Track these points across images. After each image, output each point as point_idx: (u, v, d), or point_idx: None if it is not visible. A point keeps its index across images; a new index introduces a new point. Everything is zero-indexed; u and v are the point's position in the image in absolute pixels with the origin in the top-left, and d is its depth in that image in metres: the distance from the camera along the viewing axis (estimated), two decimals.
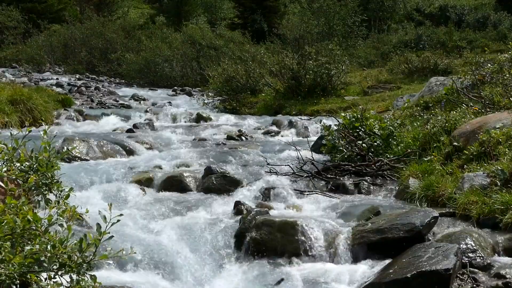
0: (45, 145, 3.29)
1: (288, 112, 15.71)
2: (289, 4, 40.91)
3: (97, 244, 2.80)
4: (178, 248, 5.02)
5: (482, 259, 4.50)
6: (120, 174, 7.35)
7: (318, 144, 9.01)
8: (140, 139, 9.88)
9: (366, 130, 8.15)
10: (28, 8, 35.30)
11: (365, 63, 26.27)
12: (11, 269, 2.61)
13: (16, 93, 11.88)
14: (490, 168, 5.68)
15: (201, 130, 12.44)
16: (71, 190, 3.33)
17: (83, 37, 29.89)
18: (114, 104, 17.31)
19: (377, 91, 17.68)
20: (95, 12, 34.44)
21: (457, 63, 19.27)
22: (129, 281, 4.39)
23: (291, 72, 16.90)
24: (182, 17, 40.84)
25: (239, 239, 5.30)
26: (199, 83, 24.38)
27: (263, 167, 7.71)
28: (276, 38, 26.93)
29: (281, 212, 6.18)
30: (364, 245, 5.02)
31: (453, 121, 7.41)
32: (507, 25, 29.40)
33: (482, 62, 10.14)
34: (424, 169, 6.55)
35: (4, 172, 3.10)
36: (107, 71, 28.14)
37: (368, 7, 32.51)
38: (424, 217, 5.01)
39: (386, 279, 4.20)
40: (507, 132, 6.22)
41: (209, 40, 26.48)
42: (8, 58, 30.09)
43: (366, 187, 7.06)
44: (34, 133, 3.54)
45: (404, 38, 28.56)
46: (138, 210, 6.10)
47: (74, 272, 2.76)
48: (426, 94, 11.33)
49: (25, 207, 2.83)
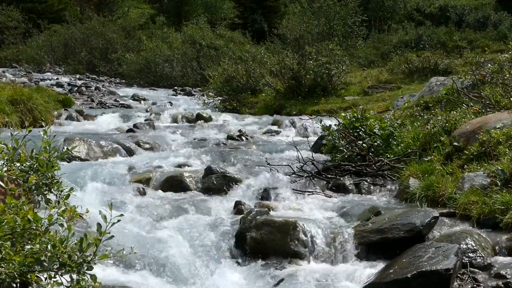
0: (45, 145, 3.29)
1: (289, 112, 15.71)
2: (290, 4, 40.94)
3: (97, 244, 2.80)
4: (178, 248, 5.01)
5: (483, 259, 4.50)
6: (120, 174, 7.34)
7: (318, 144, 9.00)
8: (140, 139, 9.88)
9: (367, 130, 8.15)
10: (28, 8, 35.35)
11: (365, 63, 26.30)
12: (11, 268, 2.61)
13: (16, 93, 11.88)
14: (490, 168, 5.68)
15: (201, 130, 12.44)
16: (71, 190, 3.33)
17: (83, 37, 29.94)
18: (114, 104, 17.33)
19: (377, 91, 17.69)
20: (95, 12, 34.49)
21: (457, 63, 19.28)
22: (129, 281, 4.39)
23: (291, 72, 16.90)
24: (182, 17, 40.87)
25: (239, 239, 5.30)
26: (199, 83, 24.42)
27: (264, 167, 7.70)
28: (276, 38, 26.96)
29: (282, 212, 6.18)
30: (364, 245, 5.02)
31: (453, 121, 7.40)
32: (507, 25, 29.42)
33: (482, 62, 10.13)
34: (425, 169, 6.54)
35: (4, 172, 3.10)
36: (107, 71, 28.18)
37: (368, 7, 32.54)
38: (424, 217, 5.01)
39: (387, 279, 4.20)
40: (507, 132, 6.21)
41: (209, 40, 26.51)
42: (8, 58, 30.14)
43: (367, 187, 7.06)
44: (34, 133, 3.54)
45: (404, 38, 28.59)
46: (138, 210, 6.10)
47: (74, 271, 2.76)
48: (427, 94, 11.32)
49: (25, 207, 2.83)
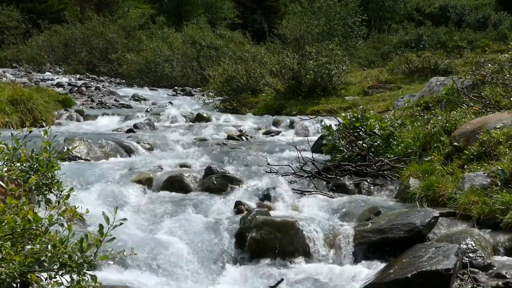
0: (46, 145, 3.29)
1: (289, 112, 15.71)
2: (290, 4, 40.92)
3: (98, 245, 2.80)
4: (178, 248, 5.01)
5: (483, 259, 4.49)
6: (121, 174, 7.33)
7: (318, 144, 9.00)
8: (140, 139, 9.88)
9: (367, 130, 8.15)
10: (28, 8, 35.34)
11: (365, 63, 26.32)
12: (12, 268, 2.61)
13: (16, 93, 11.89)
14: (491, 168, 5.68)
15: (201, 130, 12.43)
16: (72, 190, 3.33)
17: (83, 37, 29.93)
18: (114, 104, 17.32)
19: (377, 91, 17.68)
20: (96, 12, 34.47)
21: (457, 63, 19.27)
22: (129, 281, 4.39)
23: (291, 72, 16.90)
24: (182, 17, 40.89)
25: (240, 239, 5.30)
26: (199, 83, 24.42)
27: (264, 167, 7.70)
28: (276, 38, 26.97)
29: (282, 212, 6.18)
30: (364, 245, 5.02)
31: (454, 121, 7.40)
32: (508, 25, 29.42)
33: (483, 62, 10.13)
34: (425, 169, 6.54)
35: (4, 172, 3.10)
36: (107, 71, 28.17)
37: (368, 7, 32.54)
38: (424, 217, 5.01)
39: (387, 279, 4.20)
40: (508, 132, 6.21)
41: (209, 40, 26.51)
42: (8, 58, 30.13)
43: (367, 187, 7.06)
44: (35, 133, 3.54)
45: (404, 38, 28.60)
46: (139, 210, 6.10)
47: (75, 272, 2.76)
48: (427, 94, 11.31)
49: (26, 207, 2.83)
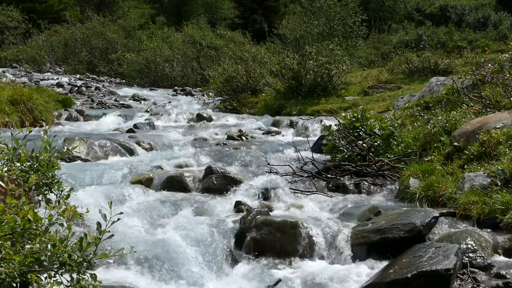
0: (46, 145, 3.29)
1: (289, 112, 15.70)
2: (290, 4, 40.95)
3: (97, 243, 2.80)
4: (178, 248, 5.01)
5: (483, 259, 4.50)
6: (121, 174, 7.34)
7: (318, 144, 9.00)
8: (140, 139, 9.88)
9: (367, 130, 8.15)
10: (28, 8, 35.35)
11: (365, 63, 26.33)
12: (11, 267, 2.61)
13: (16, 93, 11.89)
14: (491, 168, 5.68)
15: (201, 130, 12.43)
16: (72, 190, 3.33)
17: (83, 37, 29.94)
18: (114, 104, 17.32)
19: (377, 91, 17.67)
20: (96, 12, 34.48)
21: (457, 63, 19.25)
22: (129, 280, 4.40)
23: (291, 72, 16.89)
24: (182, 17, 40.91)
25: (240, 238, 5.30)
26: (199, 83, 24.43)
27: (264, 167, 7.70)
28: (276, 38, 26.98)
29: (282, 212, 6.18)
30: (364, 245, 5.02)
31: (454, 121, 7.40)
32: (508, 25, 29.46)
33: (483, 62, 10.14)
34: (425, 169, 6.54)
35: (4, 172, 3.10)
36: (107, 71, 28.17)
37: (368, 7, 32.58)
38: (424, 217, 5.01)
39: (387, 279, 4.20)
40: (508, 132, 6.22)
41: (209, 40, 26.52)
42: (8, 58, 30.12)
43: (367, 187, 7.06)
44: (35, 133, 3.54)
45: (404, 38, 28.62)
46: (139, 210, 6.10)
47: (75, 271, 2.76)
48: (427, 94, 11.31)
49: (26, 206, 2.83)
